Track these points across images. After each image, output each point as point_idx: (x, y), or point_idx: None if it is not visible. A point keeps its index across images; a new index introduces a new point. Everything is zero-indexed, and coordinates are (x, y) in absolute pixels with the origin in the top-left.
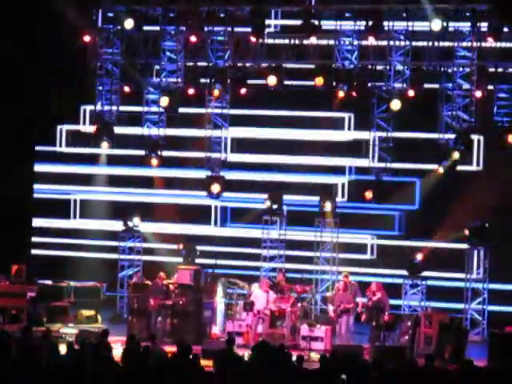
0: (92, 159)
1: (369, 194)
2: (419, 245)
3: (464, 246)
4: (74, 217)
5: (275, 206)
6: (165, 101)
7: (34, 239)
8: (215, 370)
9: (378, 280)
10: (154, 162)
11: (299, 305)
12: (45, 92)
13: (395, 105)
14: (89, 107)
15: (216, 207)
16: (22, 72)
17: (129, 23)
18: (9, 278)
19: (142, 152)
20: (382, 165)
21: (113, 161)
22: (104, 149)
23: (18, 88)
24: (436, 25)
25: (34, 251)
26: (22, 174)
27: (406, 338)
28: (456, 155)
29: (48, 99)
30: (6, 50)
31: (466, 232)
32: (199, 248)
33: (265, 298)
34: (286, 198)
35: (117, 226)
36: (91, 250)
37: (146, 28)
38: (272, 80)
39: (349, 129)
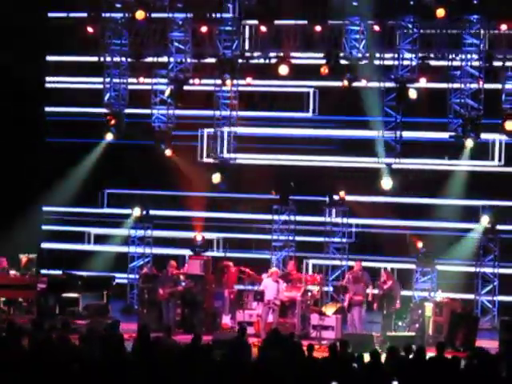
0: None
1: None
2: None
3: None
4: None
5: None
6: (168, 91)
7: (44, 227)
8: (227, 360)
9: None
10: (168, 152)
11: (309, 294)
12: None
13: (412, 93)
14: None
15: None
16: None
17: (140, 14)
18: (19, 269)
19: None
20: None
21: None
22: (108, 139)
23: None
24: (440, 12)
25: (44, 243)
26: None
27: (417, 326)
28: (470, 143)
29: None
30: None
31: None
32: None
33: (275, 288)
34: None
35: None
36: (101, 240)
37: (153, 18)
38: (283, 69)
39: None
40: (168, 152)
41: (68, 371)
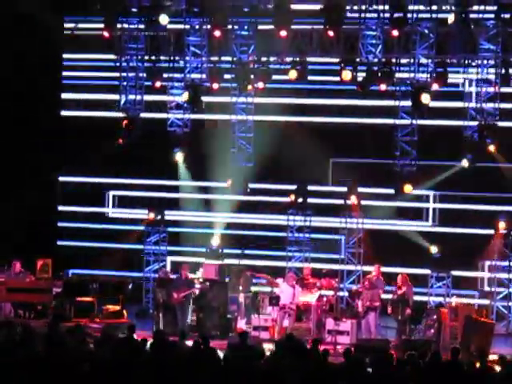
0: None
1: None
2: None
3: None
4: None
5: (300, 200)
6: (185, 96)
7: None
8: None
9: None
10: (180, 157)
11: (325, 299)
12: None
13: (425, 98)
14: None
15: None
16: None
17: (163, 19)
18: (34, 273)
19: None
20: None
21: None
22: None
23: None
24: (451, 18)
25: (60, 242)
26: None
27: (432, 331)
28: (492, 148)
29: None
30: None
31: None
32: None
33: (291, 293)
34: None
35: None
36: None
37: (170, 22)
38: (292, 74)
39: None
40: (179, 157)
41: (81, 374)
